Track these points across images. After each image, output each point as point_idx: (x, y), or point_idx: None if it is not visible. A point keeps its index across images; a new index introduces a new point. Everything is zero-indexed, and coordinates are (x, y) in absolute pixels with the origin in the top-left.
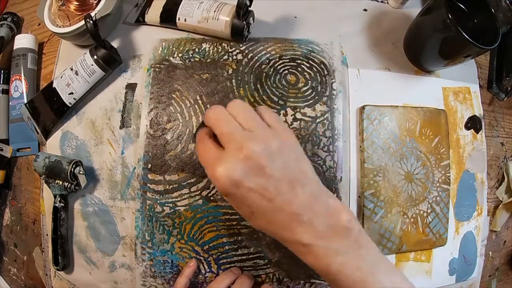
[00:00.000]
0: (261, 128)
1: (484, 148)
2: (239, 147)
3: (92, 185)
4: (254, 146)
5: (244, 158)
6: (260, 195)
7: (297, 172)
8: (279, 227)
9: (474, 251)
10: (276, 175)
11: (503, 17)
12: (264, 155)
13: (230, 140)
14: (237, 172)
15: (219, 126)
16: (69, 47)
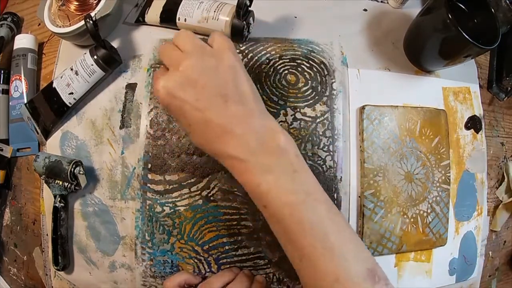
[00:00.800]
0: (199, 48)
1: (484, 148)
2: (175, 64)
3: (92, 185)
4: (187, 61)
5: (178, 72)
6: (193, 106)
7: (232, 90)
8: (213, 140)
9: (474, 251)
10: (209, 88)
11: (503, 17)
12: (197, 69)
13: (169, 63)
14: (171, 83)
15: (163, 55)
16: (69, 47)
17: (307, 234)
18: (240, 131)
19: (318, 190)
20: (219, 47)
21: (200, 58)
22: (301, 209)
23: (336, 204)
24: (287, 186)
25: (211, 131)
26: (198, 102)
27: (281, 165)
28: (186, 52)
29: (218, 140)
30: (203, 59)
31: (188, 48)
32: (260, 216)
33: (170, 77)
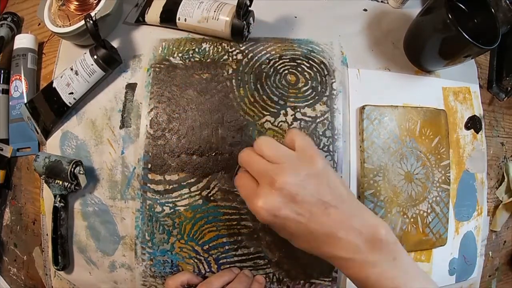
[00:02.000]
0: (288, 158)
1: (484, 148)
2: (271, 181)
3: (92, 185)
4: (284, 178)
5: (276, 190)
6: (295, 220)
7: (329, 194)
8: (317, 246)
9: (474, 251)
10: (308, 200)
11: (503, 17)
12: (294, 183)
13: (261, 177)
14: (273, 204)
15: (250, 166)
16: (69, 47)
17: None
18: (343, 235)
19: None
20: (304, 150)
21: (293, 170)
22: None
23: None
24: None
25: (316, 239)
26: (300, 216)
27: (383, 256)
28: (277, 165)
29: (323, 245)
30: (295, 170)
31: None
32: None
33: (268, 197)
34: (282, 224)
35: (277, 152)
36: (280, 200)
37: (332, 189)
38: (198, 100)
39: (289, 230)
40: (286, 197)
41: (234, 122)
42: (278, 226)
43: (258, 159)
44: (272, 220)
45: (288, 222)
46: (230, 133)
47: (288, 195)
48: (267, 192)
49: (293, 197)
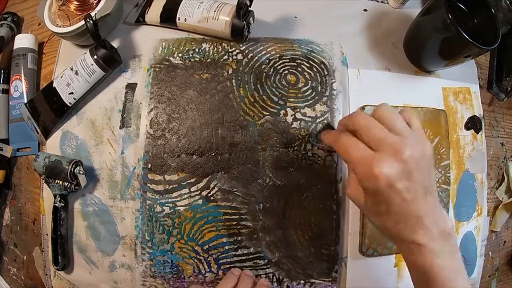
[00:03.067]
0: (409, 134)
1: (484, 148)
2: (394, 151)
3: (92, 185)
4: (408, 151)
5: (400, 161)
6: (402, 197)
7: (430, 180)
8: (403, 227)
9: (474, 251)
10: (418, 180)
11: (503, 17)
12: (414, 160)
13: (382, 144)
14: (394, 174)
15: (370, 130)
16: (69, 47)
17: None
18: (428, 222)
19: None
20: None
21: (415, 147)
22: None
23: (336, 205)
24: (450, 265)
25: (407, 220)
26: (408, 194)
27: (448, 248)
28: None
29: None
30: (416, 148)
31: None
32: (260, 217)
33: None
34: (389, 197)
35: (400, 125)
36: (401, 172)
37: (431, 178)
38: (198, 100)
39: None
40: (406, 171)
41: (234, 122)
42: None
43: (380, 125)
44: (385, 190)
45: (396, 197)
46: (230, 133)
47: (408, 171)
48: (392, 161)
49: (410, 174)
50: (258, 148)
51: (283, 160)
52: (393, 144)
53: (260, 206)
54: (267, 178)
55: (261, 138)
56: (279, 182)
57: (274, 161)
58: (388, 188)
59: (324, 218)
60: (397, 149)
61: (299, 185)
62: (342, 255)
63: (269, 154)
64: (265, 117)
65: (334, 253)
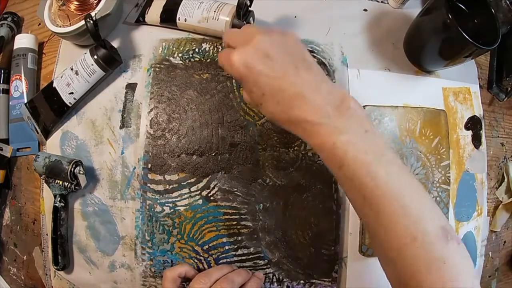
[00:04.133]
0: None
1: (484, 148)
2: (247, 40)
3: (92, 185)
4: (260, 36)
5: (252, 46)
6: (269, 76)
7: (300, 59)
8: (287, 107)
9: (473, 251)
10: (281, 59)
11: (503, 17)
12: (269, 41)
13: (239, 39)
14: (248, 56)
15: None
16: (69, 47)
17: (383, 192)
18: (312, 97)
19: (389, 150)
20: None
21: (268, 34)
22: (376, 168)
23: (336, 205)
24: (361, 146)
25: (285, 99)
26: (273, 72)
27: (353, 125)
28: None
29: (292, 108)
30: (271, 35)
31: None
32: (260, 217)
33: (245, 50)
34: (254, 80)
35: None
36: (255, 54)
37: (303, 57)
38: (198, 100)
39: (261, 88)
40: (260, 52)
41: (234, 122)
42: (251, 82)
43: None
44: (246, 73)
45: (261, 77)
46: (230, 133)
47: (262, 51)
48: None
49: (267, 53)
50: (258, 148)
51: (283, 160)
52: (245, 36)
53: (260, 206)
54: (267, 178)
55: (261, 138)
56: (279, 182)
57: (274, 161)
58: (248, 71)
59: (324, 218)
60: (248, 38)
61: (299, 185)
62: (342, 255)
63: (269, 154)
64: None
65: (334, 253)
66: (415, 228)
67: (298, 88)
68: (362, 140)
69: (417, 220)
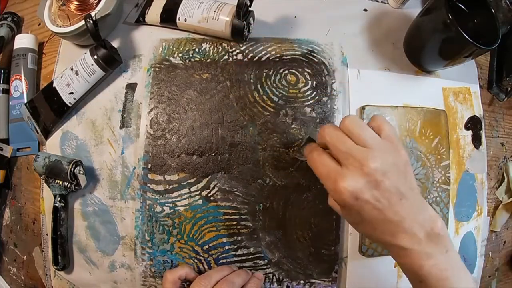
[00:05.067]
0: (377, 144)
1: (484, 148)
2: (359, 165)
3: (92, 185)
4: (373, 164)
5: (364, 174)
6: (373, 206)
7: (406, 186)
8: (383, 233)
9: (474, 251)
10: (389, 188)
11: (503, 17)
12: (381, 171)
13: (348, 158)
14: (359, 187)
15: (336, 145)
16: (69, 47)
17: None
18: (409, 226)
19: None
20: (391, 138)
21: (384, 157)
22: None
23: None
24: (442, 265)
25: (384, 227)
26: (379, 203)
27: (438, 249)
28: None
29: (388, 234)
30: (386, 158)
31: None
32: (260, 217)
33: (356, 180)
34: (359, 208)
35: (366, 135)
36: (366, 184)
37: (408, 182)
38: (198, 100)
39: (363, 215)
40: (372, 183)
41: (234, 122)
42: (354, 210)
43: (346, 139)
44: (352, 203)
45: (366, 207)
46: (230, 133)
47: (374, 181)
48: (355, 175)
49: (378, 184)
50: (258, 148)
51: (283, 160)
52: (357, 157)
53: (260, 206)
54: (267, 178)
55: (261, 138)
56: (279, 182)
57: (274, 161)
58: (354, 201)
59: (324, 218)
60: (361, 162)
61: (299, 185)
62: (342, 255)
63: (269, 154)
64: (265, 117)
65: (334, 253)
66: None
67: (398, 218)
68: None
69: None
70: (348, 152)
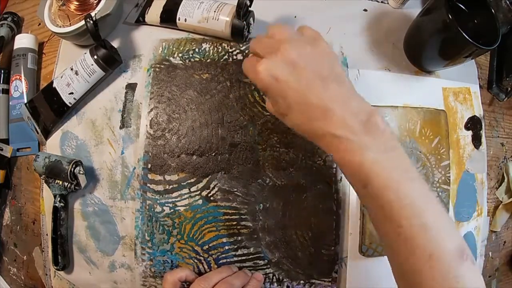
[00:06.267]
0: (295, 35)
1: (484, 148)
2: (275, 49)
3: (92, 185)
4: (289, 48)
5: (280, 56)
6: (294, 87)
7: (330, 72)
8: (312, 119)
9: (473, 251)
10: (309, 70)
11: (503, 18)
12: (297, 52)
13: (265, 48)
14: (274, 67)
15: (257, 43)
16: (69, 47)
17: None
18: (339, 111)
19: (412, 167)
20: (311, 35)
21: (298, 42)
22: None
23: (336, 205)
24: (386, 164)
25: (312, 111)
26: (299, 83)
27: (379, 144)
28: (283, 38)
29: (318, 120)
30: (300, 44)
31: (284, 35)
32: (260, 217)
33: (271, 60)
34: (280, 90)
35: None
36: (282, 63)
37: (332, 69)
38: (198, 100)
39: (287, 99)
40: (287, 62)
41: (234, 122)
42: (276, 93)
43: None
44: (272, 83)
45: (287, 88)
46: (230, 133)
47: (290, 61)
48: (271, 58)
49: (294, 64)
50: (258, 148)
51: (283, 160)
52: (274, 46)
53: (260, 206)
54: (267, 178)
55: (261, 138)
56: (279, 182)
57: (274, 161)
58: (274, 81)
59: (324, 218)
60: (277, 47)
61: (299, 185)
62: (342, 255)
63: (269, 154)
64: (265, 117)
65: (334, 253)
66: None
67: (325, 102)
68: (388, 159)
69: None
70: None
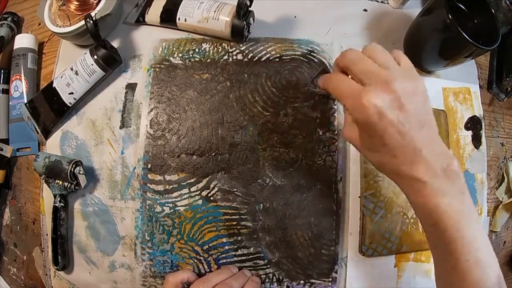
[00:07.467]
0: (398, 69)
1: (484, 148)
2: (384, 82)
3: (92, 185)
4: (397, 84)
5: (390, 91)
6: (397, 129)
7: (425, 114)
8: (401, 162)
9: None
10: (412, 113)
11: (503, 18)
12: (404, 93)
13: (371, 77)
14: (384, 103)
15: (358, 65)
16: (69, 47)
17: (464, 249)
18: (428, 156)
19: (473, 208)
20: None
21: (404, 80)
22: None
23: (336, 205)
24: (458, 208)
25: (404, 155)
26: (402, 127)
27: (454, 188)
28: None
29: (405, 163)
30: (406, 82)
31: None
32: (260, 217)
33: (379, 95)
34: (381, 129)
35: (388, 59)
36: (391, 103)
37: (427, 111)
38: (198, 100)
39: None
40: (396, 103)
41: (234, 122)
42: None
43: (368, 60)
44: (375, 121)
45: (390, 129)
46: (230, 133)
47: (399, 102)
48: (380, 92)
49: (402, 106)
50: (258, 148)
51: (283, 160)
52: (382, 75)
53: (260, 206)
54: (267, 178)
55: (261, 138)
56: (279, 182)
57: (274, 161)
58: (378, 119)
59: (324, 218)
60: (386, 80)
61: (299, 185)
62: (342, 255)
63: (269, 154)
64: (265, 117)
65: (334, 253)
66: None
67: (418, 145)
68: (459, 203)
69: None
70: (371, 71)
